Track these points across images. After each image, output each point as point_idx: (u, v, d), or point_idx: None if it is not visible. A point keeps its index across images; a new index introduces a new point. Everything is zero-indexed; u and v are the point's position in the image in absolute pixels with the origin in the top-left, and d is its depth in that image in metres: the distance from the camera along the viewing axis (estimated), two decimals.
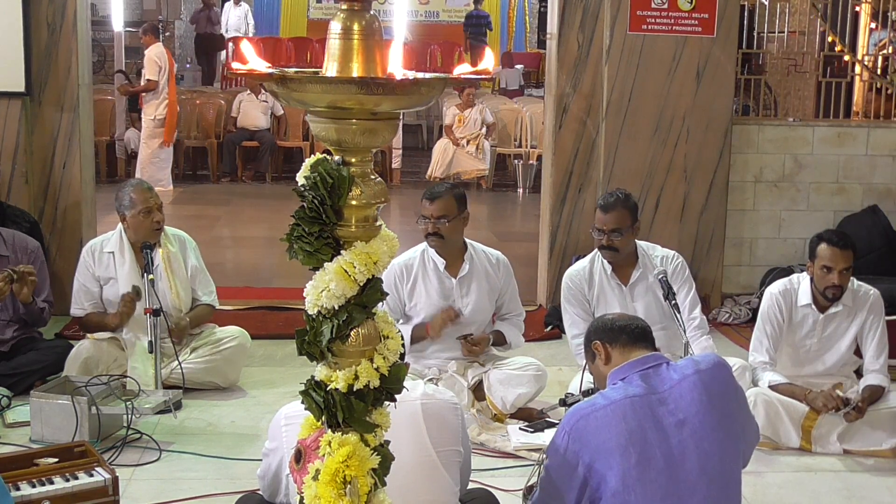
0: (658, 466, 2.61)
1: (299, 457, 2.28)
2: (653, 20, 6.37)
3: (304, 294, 2.14)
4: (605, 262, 4.73)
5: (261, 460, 2.95)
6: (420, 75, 2.13)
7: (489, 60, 2.16)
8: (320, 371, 2.18)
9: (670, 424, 2.65)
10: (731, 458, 2.73)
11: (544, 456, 2.89)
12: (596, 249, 4.77)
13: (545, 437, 4.37)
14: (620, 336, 2.86)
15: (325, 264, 2.11)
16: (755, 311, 5.26)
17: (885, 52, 7.88)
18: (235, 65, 2.09)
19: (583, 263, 4.82)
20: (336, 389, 2.13)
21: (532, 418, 4.61)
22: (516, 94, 15.71)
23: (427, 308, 4.67)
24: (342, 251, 2.11)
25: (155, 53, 10.78)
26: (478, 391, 4.68)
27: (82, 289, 4.98)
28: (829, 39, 7.27)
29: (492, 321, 4.88)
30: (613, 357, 2.84)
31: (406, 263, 4.70)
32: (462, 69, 2.14)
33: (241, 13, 16.72)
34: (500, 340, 4.80)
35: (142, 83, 10.99)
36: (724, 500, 2.70)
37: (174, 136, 11.19)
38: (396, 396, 2.21)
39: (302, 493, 2.22)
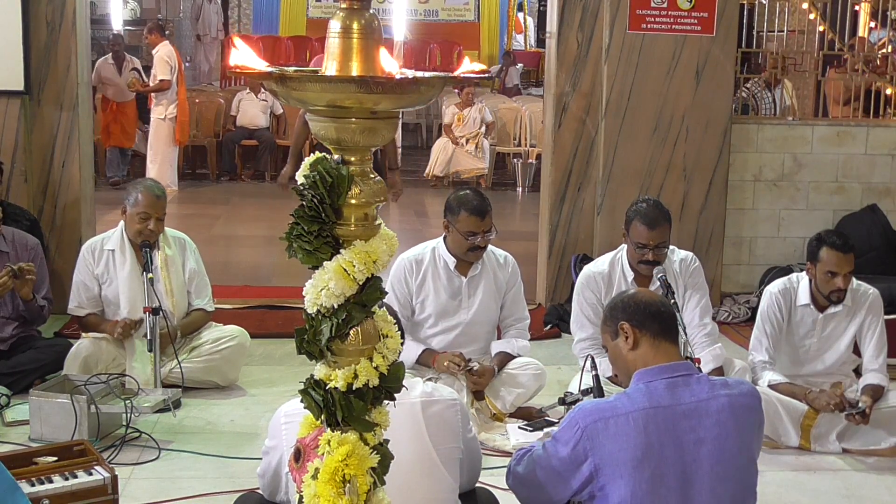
0: (670, 484, 2.55)
1: (298, 455, 2.28)
2: (652, 19, 6.36)
3: (304, 293, 2.13)
4: (626, 269, 4.65)
5: (260, 459, 2.95)
6: (419, 74, 2.13)
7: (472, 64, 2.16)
8: (319, 370, 2.17)
9: (689, 441, 2.57)
10: (744, 488, 2.67)
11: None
12: (618, 252, 4.71)
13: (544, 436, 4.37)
14: (653, 324, 2.69)
15: (325, 263, 2.11)
16: (754, 311, 5.26)
17: (884, 51, 7.88)
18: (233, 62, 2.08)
19: (602, 266, 4.73)
20: (335, 388, 2.13)
21: (531, 417, 4.61)
22: (512, 92, 15.68)
23: (434, 305, 4.65)
24: (341, 250, 2.11)
25: (165, 53, 10.78)
26: (477, 390, 4.67)
27: (81, 286, 4.98)
28: (829, 38, 7.27)
29: (497, 329, 4.87)
30: (641, 345, 2.69)
31: (417, 258, 4.67)
32: (463, 69, 2.14)
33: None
34: (505, 361, 4.71)
35: (150, 82, 10.97)
36: None
37: (187, 135, 11.23)
38: (395, 395, 2.21)
39: (301, 491, 2.22)
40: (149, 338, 4.58)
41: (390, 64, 2.07)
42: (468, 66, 2.14)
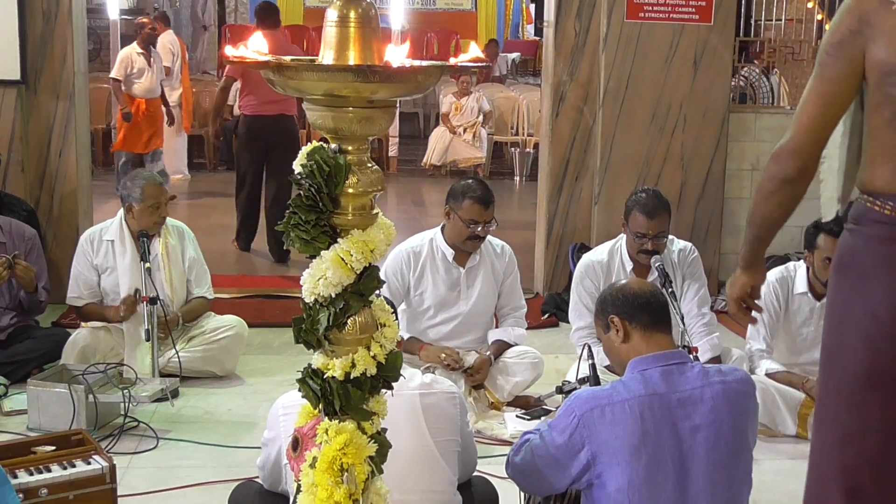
0: (666, 470, 2.56)
1: (296, 444, 2.28)
2: (650, 8, 6.35)
3: (301, 282, 2.14)
4: (625, 258, 4.66)
5: (257, 448, 2.96)
6: (417, 63, 2.13)
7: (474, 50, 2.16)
8: (317, 359, 2.18)
9: (685, 428, 2.59)
10: (740, 473, 2.69)
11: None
12: (617, 241, 4.71)
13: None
14: (643, 315, 2.71)
15: (322, 252, 2.11)
16: None
17: None
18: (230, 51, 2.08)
19: (601, 255, 4.73)
20: (333, 377, 2.13)
21: (529, 406, 4.62)
22: (500, 83, 15.57)
23: (433, 297, 4.65)
24: (339, 239, 2.11)
25: (168, 40, 10.82)
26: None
27: (80, 277, 4.97)
28: (827, 27, 7.26)
29: (494, 318, 4.87)
30: (633, 337, 2.72)
31: (414, 250, 4.65)
32: (460, 58, 2.14)
33: None
34: (502, 349, 4.72)
35: None
36: None
37: (192, 123, 11.18)
38: (394, 386, 2.22)
39: (299, 480, 2.23)
40: (146, 327, 4.58)
41: (399, 54, 2.07)
42: (469, 54, 2.14)
